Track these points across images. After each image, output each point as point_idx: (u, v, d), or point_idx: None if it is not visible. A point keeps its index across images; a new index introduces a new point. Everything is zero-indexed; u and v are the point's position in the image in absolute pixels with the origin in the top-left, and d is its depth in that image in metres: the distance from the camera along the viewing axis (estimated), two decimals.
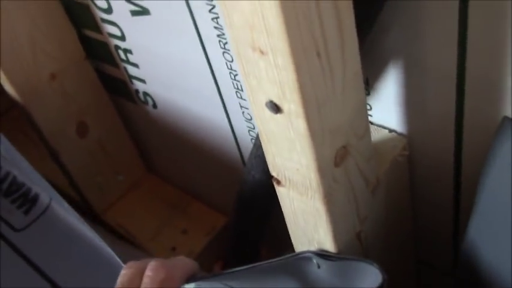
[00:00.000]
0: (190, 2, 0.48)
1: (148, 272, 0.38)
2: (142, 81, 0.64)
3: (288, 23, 0.26)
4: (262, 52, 0.29)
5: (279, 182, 0.37)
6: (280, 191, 0.37)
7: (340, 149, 0.34)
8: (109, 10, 0.58)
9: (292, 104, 0.30)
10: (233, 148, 0.61)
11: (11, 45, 0.59)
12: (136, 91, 0.66)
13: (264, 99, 0.31)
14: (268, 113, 0.32)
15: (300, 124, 0.31)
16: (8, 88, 0.62)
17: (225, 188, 0.67)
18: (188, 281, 0.39)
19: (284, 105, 0.30)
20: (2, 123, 0.92)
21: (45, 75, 0.63)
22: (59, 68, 0.64)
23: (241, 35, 0.29)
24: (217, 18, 0.47)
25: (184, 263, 0.41)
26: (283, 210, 0.39)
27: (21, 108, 0.64)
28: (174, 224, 0.72)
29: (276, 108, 0.31)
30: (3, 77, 0.60)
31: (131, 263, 0.41)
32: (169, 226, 0.72)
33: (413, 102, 0.40)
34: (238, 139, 0.59)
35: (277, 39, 0.27)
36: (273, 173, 0.36)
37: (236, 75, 0.51)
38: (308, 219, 0.37)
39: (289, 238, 0.43)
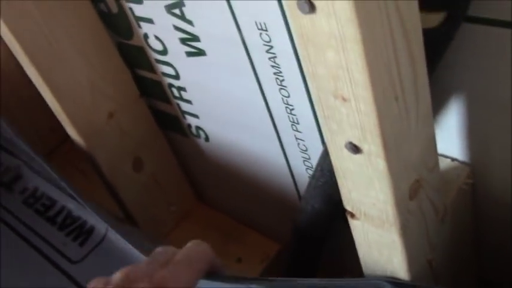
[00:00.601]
0: (247, 43, 0.50)
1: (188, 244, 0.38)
2: (195, 116, 0.66)
3: (371, 74, 0.29)
4: (344, 99, 0.31)
5: (353, 215, 0.38)
6: (354, 223, 0.39)
7: (414, 183, 0.36)
8: (164, 52, 0.60)
9: (373, 145, 0.32)
10: (287, 178, 0.63)
11: (72, 89, 0.62)
12: (189, 125, 0.69)
13: (343, 141, 0.33)
14: (346, 152, 0.34)
15: (379, 163, 0.33)
16: (70, 129, 0.65)
17: (278, 216, 0.69)
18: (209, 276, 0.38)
19: (364, 147, 0.32)
20: (53, 158, 0.96)
21: (104, 115, 0.66)
22: (116, 107, 0.67)
23: (324, 84, 0.31)
24: (274, 57, 0.49)
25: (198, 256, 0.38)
26: (356, 241, 0.41)
27: (81, 147, 0.67)
28: (228, 253, 0.73)
29: (355, 149, 0.33)
30: (64, 118, 0.64)
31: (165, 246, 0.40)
32: (223, 255, 0.74)
33: (475, 132, 0.42)
34: (293, 169, 0.61)
35: (361, 88, 0.29)
36: (347, 207, 0.38)
37: (292, 109, 0.53)
38: (382, 251, 0.39)
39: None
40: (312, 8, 0.27)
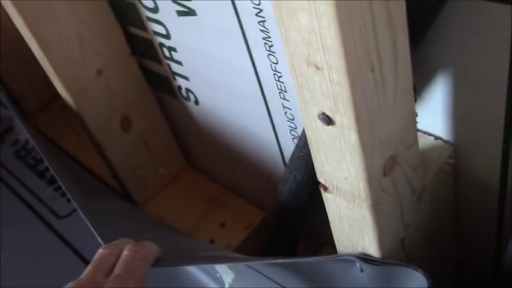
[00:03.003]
0: (237, 4, 0.49)
1: (125, 252, 0.41)
2: (186, 78, 0.65)
3: (345, 41, 0.27)
4: (317, 67, 0.29)
5: (326, 189, 0.37)
6: (327, 197, 0.38)
7: (389, 159, 0.35)
8: (155, 9, 0.59)
9: (345, 117, 0.31)
10: (274, 146, 0.62)
11: (60, 43, 0.61)
12: (179, 87, 0.68)
13: (316, 111, 0.32)
14: (319, 124, 0.33)
15: (351, 136, 0.31)
16: (57, 83, 0.64)
17: (264, 184, 0.68)
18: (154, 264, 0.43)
19: (336, 118, 0.31)
20: (46, 113, 0.95)
21: (92, 71, 0.65)
22: (105, 64, 0.65)
23: (297, 50, 0.29)
24: (263, 21, 0.48)
25: (154, 248, 0.44)
26: (328, 215, 0.40)
27: (68, 103, 0.66)
28: (212, 217, 0.73)
29: (328, 120, 0.32)
30: (52, 72, 0.63)
31: (108, 245, 0.43)
32: (208, 219, 0.73)
33: (460, 111, 0.40)
34: (280, 137, 0.60)
35: (333, 56, 0.28)
36: (321, 180, 0.37)
37: (280, 76, 0.52)
38: (354, 226, 0.38)
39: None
40: None
